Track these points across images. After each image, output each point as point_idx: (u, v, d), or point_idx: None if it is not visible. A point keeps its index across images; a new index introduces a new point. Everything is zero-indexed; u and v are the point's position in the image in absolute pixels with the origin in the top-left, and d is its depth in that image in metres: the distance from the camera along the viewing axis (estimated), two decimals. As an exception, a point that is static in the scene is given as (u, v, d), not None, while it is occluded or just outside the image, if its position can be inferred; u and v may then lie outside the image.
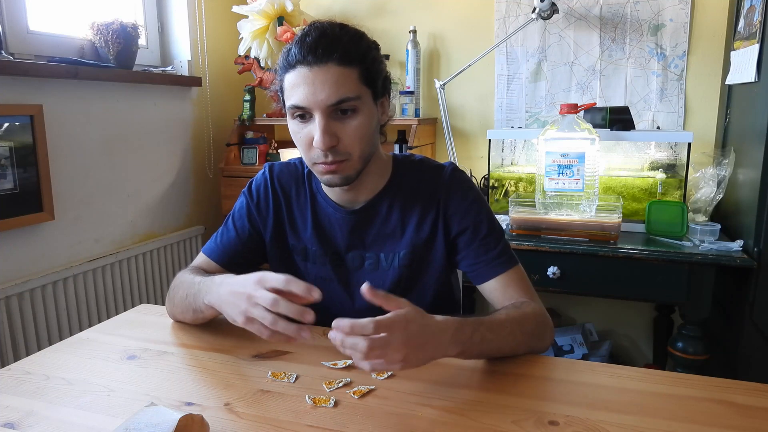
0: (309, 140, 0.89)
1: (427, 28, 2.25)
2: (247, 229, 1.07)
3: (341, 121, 0.88)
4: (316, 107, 0.86)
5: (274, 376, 0.82)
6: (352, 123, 0.89)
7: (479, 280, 1.00)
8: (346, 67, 0.87)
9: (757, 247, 1.45)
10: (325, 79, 0.86)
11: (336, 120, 0.88)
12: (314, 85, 0.86)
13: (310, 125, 0.89)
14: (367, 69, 0.90)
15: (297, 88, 0.87)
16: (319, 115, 0.87)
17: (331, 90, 0.86)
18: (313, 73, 0.86)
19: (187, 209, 2.22)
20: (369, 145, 0.93)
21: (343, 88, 0.86)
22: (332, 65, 0.86)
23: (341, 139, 0.89)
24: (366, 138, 0.91)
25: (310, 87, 0.86)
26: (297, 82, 0.87)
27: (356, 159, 0.91)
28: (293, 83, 0.88)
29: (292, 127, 0.92)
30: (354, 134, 0.89)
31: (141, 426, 0.61)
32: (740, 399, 0.75)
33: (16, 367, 0.86)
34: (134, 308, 1.13)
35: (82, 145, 1.72)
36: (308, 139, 0.89)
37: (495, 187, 1.94)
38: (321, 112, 0.87)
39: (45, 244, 1.62)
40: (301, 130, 0.90)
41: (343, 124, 0.89)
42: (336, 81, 0.86)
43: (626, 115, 1.79)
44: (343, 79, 0.86)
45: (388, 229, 1.02)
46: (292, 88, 0.88)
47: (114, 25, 1.77)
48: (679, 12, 1.95)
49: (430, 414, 0.72)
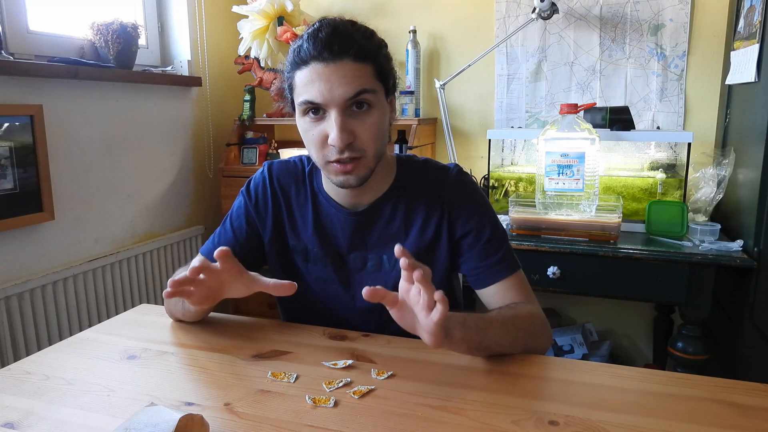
0: (322, 138, 0.88)
1: (427, 28, 2.25)
2: (245, 230, 1.06)
3: (357, 118, 0.87)
4: (333, 103, 0.85)
5: (274, 376, 0.82)
6: (367, 119, 0.88)
7: (479, 285, 1.00)
8: (361, 63, 0.86)
9: (757, 247, 1.45)
10: (342, 75, 0.84)
11: (351, 117, 0.87)
12: (330, 81, 0.84)
13: (323, 123, 0.87)
14: (381, 66, 0.90)
15: (311, 85, 0.85)
16: (336, 112, 0.85)
17: (348, 85, 0.85)
18: (329, 69, 0.84)
19: (187, 209, 2.22)
20: (382, 143, 0.93)
21: (359, 81, 0.85)
22: (348, 61, 0.85)
23: (357, 136, 0.87)
24: (380, 135, 0.91)
25: (326, 83, 0.84)
26: (311, 78, 0.85)
27: (371, 157, 0.90)
28: (307, 79, 0.86)
29: (302, 125, 0.90)
30: (369, 130, 0.88)
31: (141, 426, 0.61)
32: (740, 399, 0.75)
33: (16, 367, 0.86)
34: (134, 308, 1.12)
35: (82, 145, 1.72)
36: (321, 137, 0.88)
37: (495, 187, 1.94)
38: (337, 109, 0.85)
39: (45, 244, 1.62)
40: (313, 128, 0.88)
41: (359, 120, 0.87)
42: (353, 75, 0.85)
43: (626, 115, 1.79)
44: (360, 73, 0.86)
45: (392, 230, 1.00)
46: (306, 84, 0.86)
47: (114, 25, 1.77)
48: (679, 12, 1.95)
49: (430, 414, 0.72)
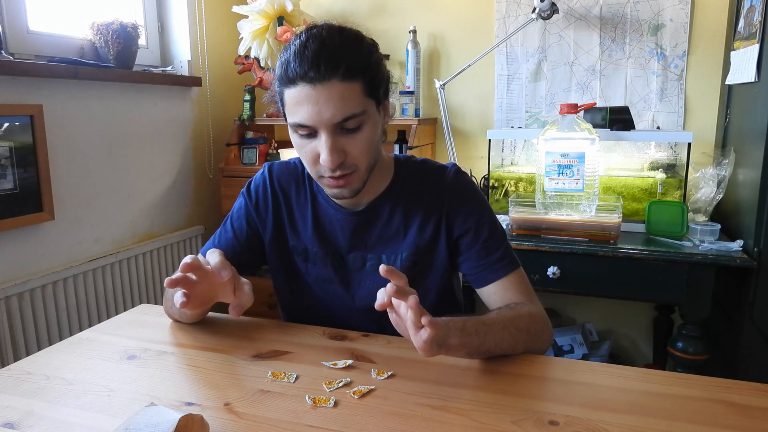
0: (315, 156, 0.88)
1: (427, 28, 2.25)
2: (245, 230, 1.06)
3: (347, 136, 0.87)
4: (322, 126, 0.84)
5: (274, 376, 0.82)
6: (358, 137, 0.87)
7: (479, 283, 1.00)
8: (350, 82, 0.84)
9: (757, 247, 1.45)
10: (329, 97, 0.83)
11: (342, 135, 0.86)
12: (318, 104, 0.83)
13: (314, 141, 0.87)
14: (371, 79, 0.87)
15: (300, 107, 0.84)
16: (326, 134, 0.85)
17: (336, 108, 0.83)
18: (316, 91, 0.82)
19: (187, 209, 2.22)
20: (374, 155, 0.93)
21: (347, 104, 0.84)
22: (336, 81, 0.82)
23: (348, 153, 0.88)
24: (371, 149, 0.91)
25: (314, 106, 0.83)
26: (299, 99, 0.84)
27: (363, 171, 0.91)
28: (295, 100, 0.85)
29: (295, 141, 0.91)
30: (360, 148, 0.88)
31: (141, 426, 0.61)
32: (740, 399, 0.75)
33: (16, 367, 0.86)
34: (134, 308, 1.12)
35: (82, 145, 1.72)
36: (314, 154, 0.88)
37: (495, 187, 1.94)
38: (327, 131, 0.85)
39: (45, 244, 1.62)
40: (305, 146, 0.89)
41: (350, 138, 0.87)
42: (341, 97, 0.83)
43: (626, 115, 1.79)
44: (348, 94, 0.84)
45: (391, 230, 1.01)
46: (295, 105, 0.85)
47: (114, 25, 1.77)
48: (679, 12, 1.94)
49: (430, 414, 0.72)
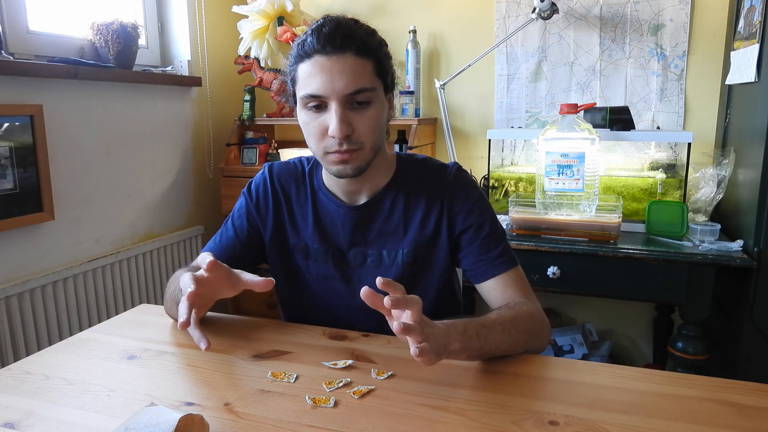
0: (322, 130, 0.90)
1: (427, 28, 2.25)
2: (246, 230, 1.07)
3: (356, 112, 0.90)
4: (334, 96, 0.87)
5: (274, 376, 0.82)
6: (366, 113, 0.90)
7: (478, 279, 1.01)
8: (362, 58, 0.88)
9: (757, 247, 1.45)
10: (343, 68, 0.87)
11: (351, 110, 0.89)
12: (332, 73, 0.87)
13: (324, 115, 0.90)
14: (381, 62, 0.92)
15: (313, 77, 0.88)
16: (336, 104, 0.88)
17: (348, 79, 0.87)
18: (331, 62, 0.87)
19: (187, 209, 2.22)
20: (380, 137, 0.95)
21: (360, 78, 0.88)
22: (350, 55, 0.87)
23: (356, 129, 0.90)
24: (378, 129, 0.93)
25: (327, 75, 0.87)
26: (314, 71, 0.88)
27: (368, 149, 0.92)
28: (309, 72, 0.88)
29: (303, 117, 0.93)
30: (368, 124, 0.91)
31: (141, 426, 0.61)
32: (740, 399, 0.75)
33: (16, 367, 0.86)
34: (134, 308, 1.12)
35: (82, 145, 1.72)
36: (322, 128, 0.90)
37: (495, 187, 1.94)
38: (338, 101, 0.88)
39: (45, 244, 1.62)
40: (313, 120, 0.91)
41: (358, 114, 0.90)
42: (353, 70, 0.87)
43: (626, 115, 1.79)
44: (360, 69, 0.88)
45: (391, 225, 1.02)
46: (308, 77, 0.89)
47: (114, 25, 1.77)
48: (679, 12, 1.94)
49: (430, 414, 0.72)
